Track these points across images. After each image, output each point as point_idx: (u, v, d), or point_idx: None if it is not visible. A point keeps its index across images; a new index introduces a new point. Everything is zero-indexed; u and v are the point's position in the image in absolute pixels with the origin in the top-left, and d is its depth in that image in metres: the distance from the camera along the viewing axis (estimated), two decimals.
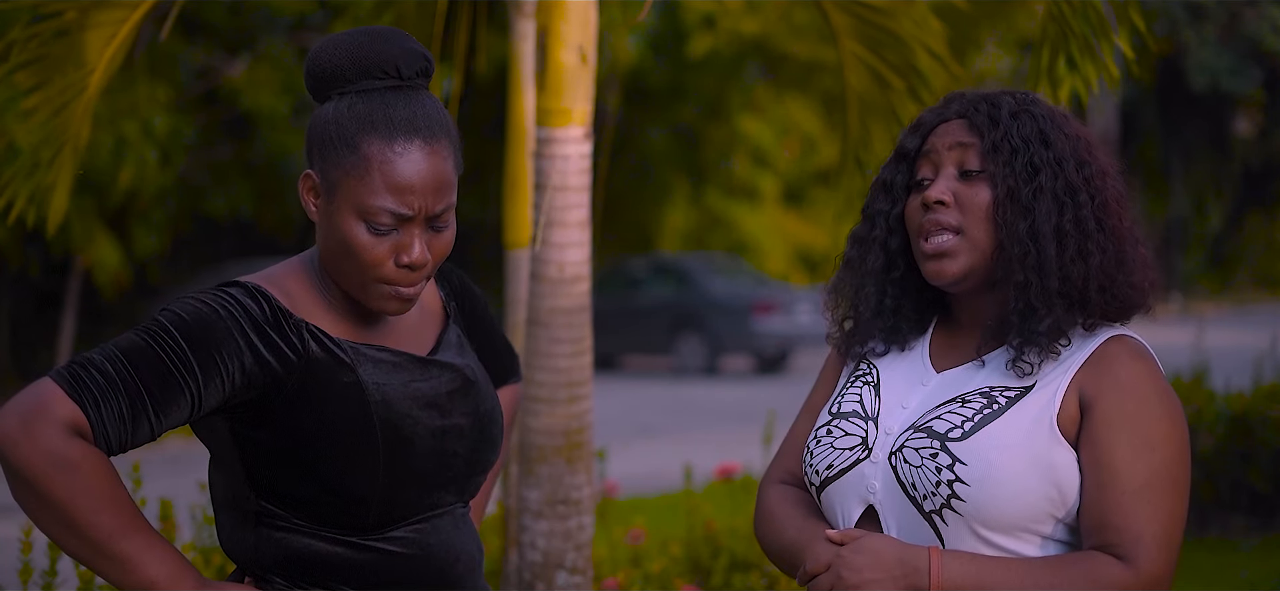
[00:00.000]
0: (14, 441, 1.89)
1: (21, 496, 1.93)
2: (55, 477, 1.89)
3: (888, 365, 2.27)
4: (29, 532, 4.21)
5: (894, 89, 4.17)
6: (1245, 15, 26.15)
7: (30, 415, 1.90)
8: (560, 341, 4.08)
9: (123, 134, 13.30)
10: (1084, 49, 3.72)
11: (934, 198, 2.16)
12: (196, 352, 1.96)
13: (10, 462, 1.91)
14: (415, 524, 2.12)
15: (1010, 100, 2.21)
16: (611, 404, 14.28)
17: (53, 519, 1.92)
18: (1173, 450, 2.05)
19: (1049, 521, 2.06)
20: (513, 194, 5.36)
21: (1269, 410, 7.68)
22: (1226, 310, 27.97)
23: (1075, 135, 2.19)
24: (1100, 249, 2.12)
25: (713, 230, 23.76)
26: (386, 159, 2.02)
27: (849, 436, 2.19)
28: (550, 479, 4.09)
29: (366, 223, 2.03)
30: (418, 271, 2.06)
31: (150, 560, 1.94)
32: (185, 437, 14.00)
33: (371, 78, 2.05)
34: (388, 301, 2.08)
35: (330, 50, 2.07)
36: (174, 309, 2.00)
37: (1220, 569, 7.08)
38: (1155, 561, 2.00)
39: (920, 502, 2.08)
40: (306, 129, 2.10)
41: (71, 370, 1.94)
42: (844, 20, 4.21)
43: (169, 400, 1.95)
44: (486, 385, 2.23)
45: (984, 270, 2.17)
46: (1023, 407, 2.08)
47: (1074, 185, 2.13)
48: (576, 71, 4.10)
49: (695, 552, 5.80)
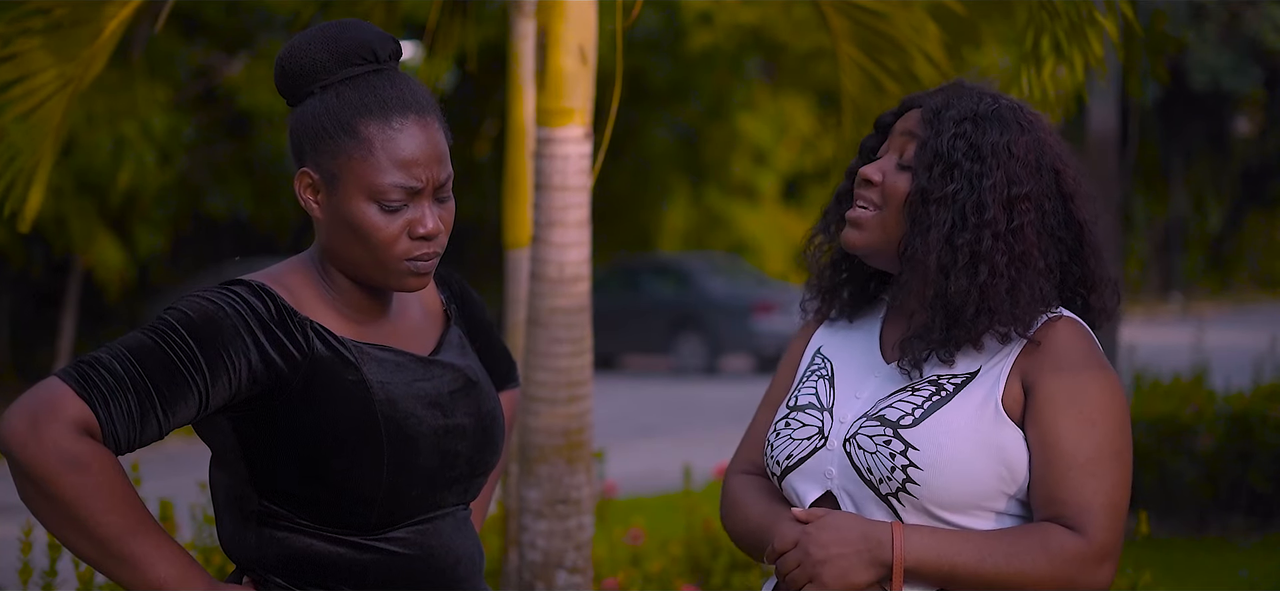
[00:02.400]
0: (22, 440, 1.89)
1: (29, 496, 1.92)
2: (65, 477, 1.88)
3: (841, 354, 2.36)
4: (29, 532, 4.21)
5: (889, 93, 4.17)
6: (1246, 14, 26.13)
7: (39, 414, 1.89)
8: (560, 341, 4.08)
9: (121, 134, 13.30)
10: (1071, 33, 3.72)
11: (864, 175, 2.29)
12: (204, 351, 1.96)
13: (19, 461, 1.90)
14: (417, 524, 2.11)
15: (973, 104, 2.26)
16: (611, 404, 14.28)
17: (61, 518, 1.91)
18: (1113, 423, 2.16)
19: (1001, 498, 2.17)
20: (513, 194, 5.36)
21: (1269, 410, 7.69)
22: (1226, 310, 27.97)
23: (1030, 158, 2.22)
24: (993, 271, 2.18)
25: (713, 230, 23.77)
26: (388, 137, 2.04)
27: (806, 427, 2.29)
28: (550, 479, 4.09)
29: (378, 203, 2.04)
30: (433, 242, 2.09)
31: (159, 560, 1.93)
32: (185, 437, 13.93)
33: (351, 65, 2.07)
34: (407, 279, 2.09)
35: (305, 46, 2.07)
36: (180, 307, 2.00)
37: (1220, 568, 7.08)
38: (1104, 529, 2.12)
39: (876, 486, 2.19)
40: (290, 130, 2.10)
41: (79, 369, 1.93)
42: (842, 23, 4.21)
43: (177, 398, 1.95)
44: (488, 386, 2.23)
45: (892, 258, 2.27)
46: (969, 393, 2.18)
47: (985, 203, 2.19)
48: (576, 71, 4.10)
49: (695, 552, 5.80)
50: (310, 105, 2.07)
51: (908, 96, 2.37)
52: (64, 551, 4.33)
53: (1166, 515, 7.90)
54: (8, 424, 1.90)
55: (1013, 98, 2.31)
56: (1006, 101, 2.28)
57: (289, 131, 2.10)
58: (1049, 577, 2.11)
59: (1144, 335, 19.57)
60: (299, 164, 2.09)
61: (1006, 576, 2.11)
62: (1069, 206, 2.26)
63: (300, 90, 2.08)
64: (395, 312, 2.18)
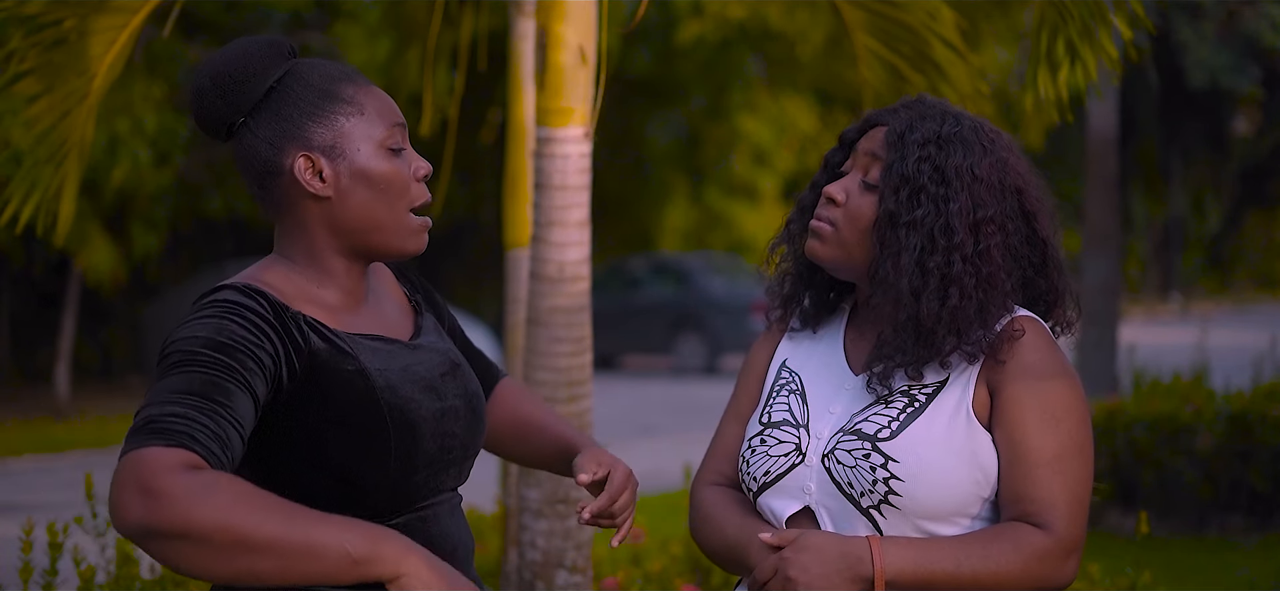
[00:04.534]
0: (145, 511, 1.76)
1: (186, 557, 1.78)
2: (201, 510, 1.77)
3: (808, 367, 2.39)
4: (29, 532, 4.21)
5: (911, 82, 4.15)
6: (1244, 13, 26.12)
7: (143, 481, 1.78)
8: (560, 340, 4.08)
9: (115, 131, 13.28)
10: (1083, 33, 3.72)
11: (828, 193, 2.33)
12: (232, 357, 1.95)
13: (155, 529, 1.77)
14: (418, 511, 2.13)
15: (936, 126, 2.30)
16: (611, 403, 14.28)
17: (224, 551, 1.77)
18: (1075, 420, 2.22)
19: (978, 502, 2.23)
20: (512, 193, 5.37)
21: (1268, 409, 7.69)
22: (1226, 310, 27.98)
23: (993, 179, 2.27)
24: (963, 293, 2.23)
25: (712, 229, 23.77)
26: (368, 92, 2.14)
27: (782, 443, 2.32)
28: (550, 478, 4.10)
29: (386, 148, 2.12)
30: (427, 192, 2.18)
31: (338, 533, 1.81)
32: None
33: (287, 59, 2.14)
34: (419, 234, 2.17)
35: (240, 59, 2.11)
36: (187, 334, 1.96)
37: (1220, 568, 7.09)
38: (1069, 523, 2.19)
39: (857, 500, 2.22)
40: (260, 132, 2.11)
41: (146, 429, 1.84)
42: (856, 15, 4.21)
43: (237, 407, 1.92)
44: (468, 367, 2.26)
45: (855, 272, 2.33)
46: (942, 401, 2.24)
47: (953, 227, 2.24)
48: (576, 71, 4.11)
49: (695, 552, 5.80)
50: (276, 99, 2.11)
51: (870, 113, 2.41)
52: (64, 550, 4.33)
53: (1166, 515, 7.91)
54: (122, 512, 1.78)
55: (973, 116, 2.35)
56: (969, 121, 2.32)
57: (254, 139, 2.11)
58: (1021, 575, 2.17)
59: (1144, 335, 19.58)
60: (289, 150, 2.10)
61: (982, 578, 2.17)
62: (1032, 225, 2.32)
63: (253, 95, 2.11)
64: (372, 303, 2.20)
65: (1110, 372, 12.04)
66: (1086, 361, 11.91)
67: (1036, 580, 2.17)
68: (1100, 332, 12.04)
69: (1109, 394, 10.47)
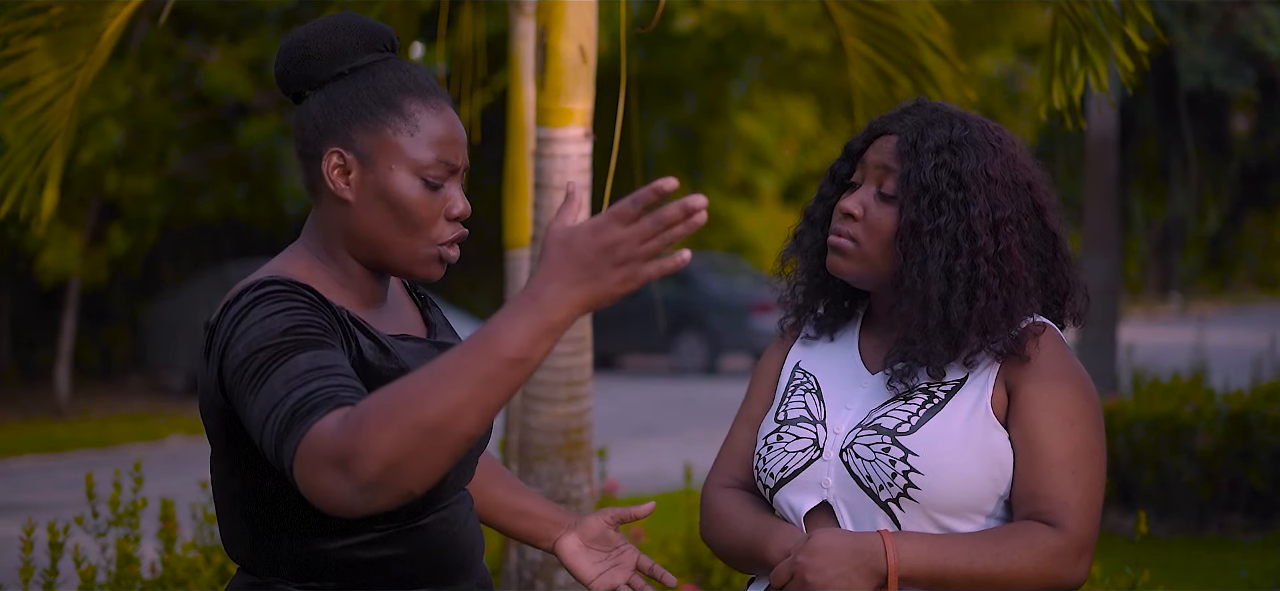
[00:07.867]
0: (350, 479, 1.74)
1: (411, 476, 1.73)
2: (387, 433, 1.72)
3: (823, 368, 2.41)
4: (30, 532, 4.21)
5: (899, 86, 4.17)
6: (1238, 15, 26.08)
7: (331, 456, 1.75)
8: (560, 340, 4.08)
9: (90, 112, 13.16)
10: (1097, 42, 3.71)
11: (845, 209, 2.33)
12: (308, 333, 1.91)
13: (371, 483, 1.73)
14: (440, 511, 2.10)
15: (946, 131, 2.31)
16: (611, 403, 14.28)
17: (428, 439, 1.72)
18: (1089, 423, 2.26)
19: (993, 499, 2.25)
20: (513, 193, 5.36)
21: (1267, 409, 7.69)
22: (1225, 310, 27.98)
23: (1006, 178, 2.30)
24: (989, 295, 2.26)
25: (712, 230, 23.76)
26: (431, 114, 2.06)
27: (800, 439, 2.33)
28: (550, 478, 4.10)
29: (422, 179, 2.05)
30: (461, 228, 2.09)
31: (479, 345, 1.74)
32: (185, 437, 13.99)
33: (375, 50, 2.08)
34: (433, 265, 2.09)
35: (327, 32, 2.07)
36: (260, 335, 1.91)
37: (1220, 567, 7.09)
38: (1082, 523, 2.21)
39: (876, 493, 2.24)
40: (311, 114, 2.07)
41: (294, 418, 1.80)
42: (847, 17, 4.21)
43: (340, 363, 1.88)
44: None
45: (879, 283, 2.34)
46: (961, 398, 2.26)
47: (975, 230, 2.26)
48: (576, 71, 4.11)
49: (695, 552, 5.81)
50: (341, 86, 2.06)
51: (873, 121, 2.41)
52: (65, 550, 4.34)
53: (1166, 514, 7.91)
54: (332, 495, 1.76)
55: (978, 115, 2.37)
56: (975, 122, 2.34)
57: (308, 116, 2.07)
58: (1034, 573, 2.19)
59: (1143, 335, 19.58)
60: (323, 146, 2.06)
61: (995, 574, 2.18)
62: (1043, 219, 2.34)
63: (324, 73, 2.07)
64: (391, 301, 2.18)
65: (1110, 373, 12.04)
66: (1086, 361, 11.91)
67: (1048, 578, 2.19)
68: (1100, 333, 12.04)
69: (1109, 394, 10.48)
